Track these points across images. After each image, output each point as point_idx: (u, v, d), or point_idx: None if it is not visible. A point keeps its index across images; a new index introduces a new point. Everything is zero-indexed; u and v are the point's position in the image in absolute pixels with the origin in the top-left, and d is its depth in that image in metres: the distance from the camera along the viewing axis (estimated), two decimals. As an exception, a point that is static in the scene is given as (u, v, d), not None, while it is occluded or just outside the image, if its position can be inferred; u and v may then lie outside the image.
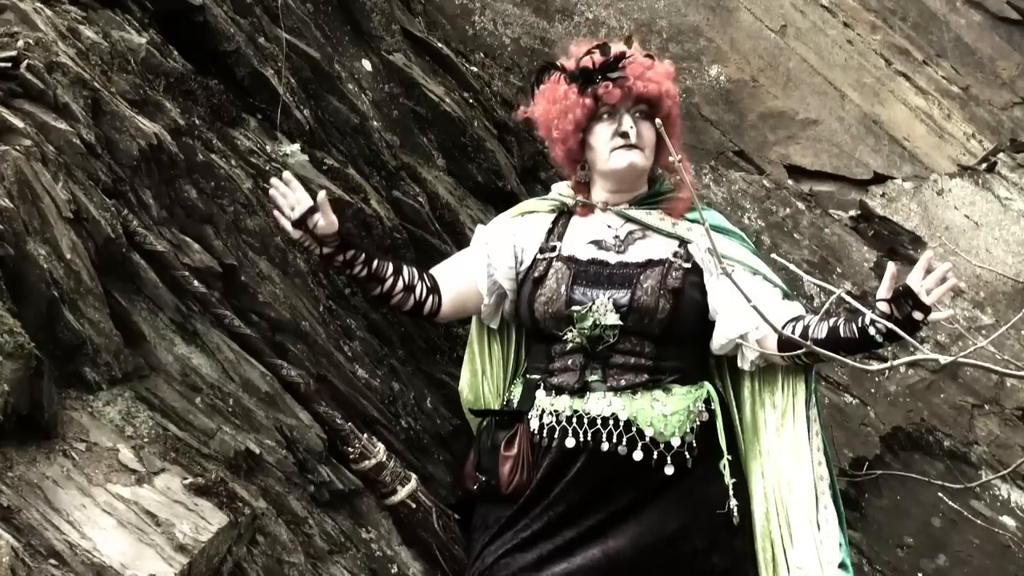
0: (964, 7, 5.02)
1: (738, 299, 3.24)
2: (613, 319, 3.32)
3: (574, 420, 3.34)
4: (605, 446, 3.30)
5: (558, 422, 3.36)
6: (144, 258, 3.21)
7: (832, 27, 5.01)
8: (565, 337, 3.37)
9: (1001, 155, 4.89)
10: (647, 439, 3.28)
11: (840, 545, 3.32)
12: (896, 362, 2.57)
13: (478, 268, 3.56)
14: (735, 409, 3.46)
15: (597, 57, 3.44)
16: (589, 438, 3.31)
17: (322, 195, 3.38)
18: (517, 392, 3.53)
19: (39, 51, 3.16)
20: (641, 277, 3.36)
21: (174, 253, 3.30)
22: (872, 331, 3.10)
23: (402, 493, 3.51)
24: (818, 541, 3.28)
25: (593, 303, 3.35)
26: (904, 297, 3.10)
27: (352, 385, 3.65)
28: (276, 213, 3.40)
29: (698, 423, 3.34)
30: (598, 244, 3.46)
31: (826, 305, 3.14)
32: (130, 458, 2.96)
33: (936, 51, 5.00)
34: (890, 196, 4.87)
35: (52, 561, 2.64)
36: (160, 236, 3.30)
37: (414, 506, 3.53)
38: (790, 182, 4.88)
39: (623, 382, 3.33)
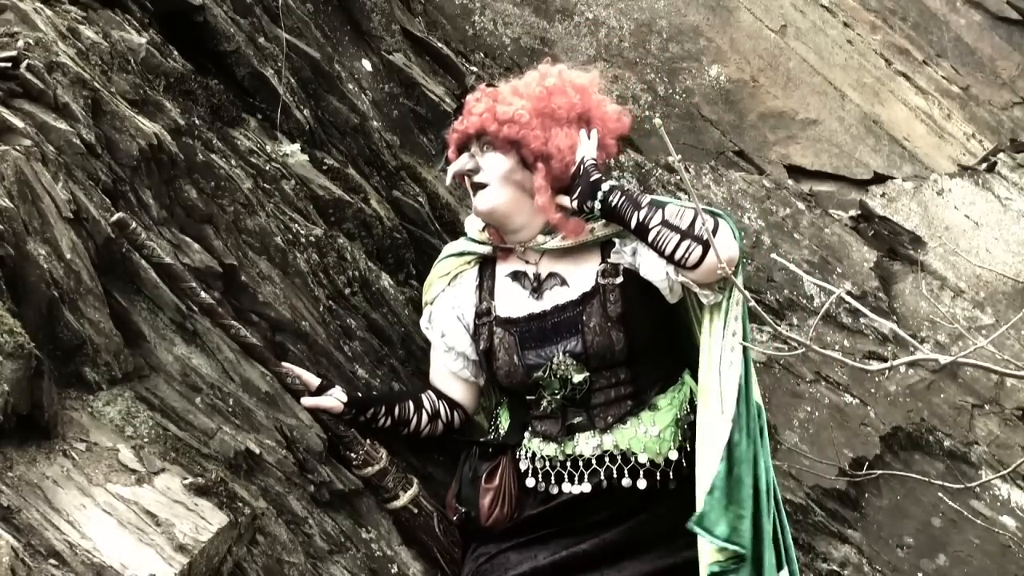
0: (964, 7, 5.02)
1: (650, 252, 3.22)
2: (580, 375, 3.25)
3: (568, 464, 3.30)
4: (604, 483, 3.26)
5: (552, 467, 3.32)
6: (145, 260, 3.21)
7: (832, 27, 5.01)
8: (541, 403, 3.32)
9: (1001, 155, 4.89)
10: (647, 465, 3.25)
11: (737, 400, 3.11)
12: (896, 362, 2.57)
13: (456, 364, 3.52)
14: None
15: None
16: (586, 480, 3.28)
17: (311, 401, 3.39)
18: (504, 420, 3.49)
19: (39, 51, 3.16)
20: (584, 318, 3.26)
21: (175, 253, 3.31)
22: (575, 204, 3.24)
23: (404, 498, 3.50)
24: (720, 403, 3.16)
25: (551, 362, 3.27)
26: (573, 185, 3.23)
27: (352, 385, 3.65)
28: (294, 381, 3.40)
29: (686, 425, 3.31)
30: (515, 277, 3.39)
31: (826, 305, 3.12)
32: (130, 458, 2.96)
33: (936, 51, 5.00)
34: (890, 196, 4.87)
35: (52, 561, 2.64)
36: (160, 236, 3.30)
37: (416, 511, 3.52)
38: (790, 182, 4.88)
39: (610, 418, 3.27)
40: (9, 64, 3.07)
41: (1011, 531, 4.58)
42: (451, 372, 3.53)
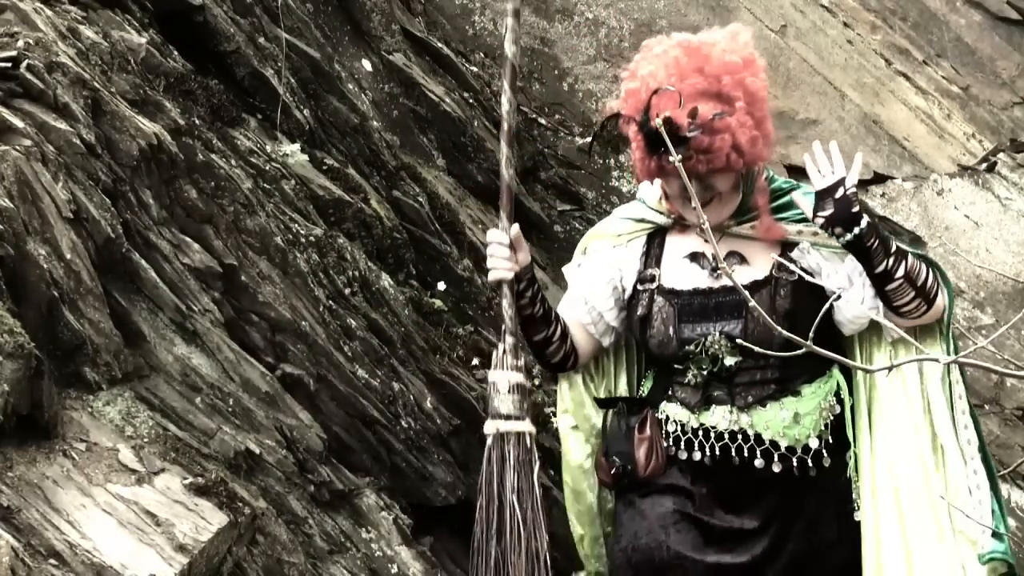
0: (964, 7, 5.02)
1: (853, 281, 3.17)
2: (732, 359, 3.21)
3: (700, 432, 3.26)
4: (736, 460, 3.23)
5: (683, 432, 3.29)
6: (144, 258, 3.22)
7: (832, 27, 5.01)
8: (687, 375, 3.28)
9: (1001, 155, 4.89)
10: (783, 449, 3.22)
11: (993, 512, 3.18)
12: (896, 362, 2.56)
13: (586, 318, 3.41)
14: (858, 383, 3.33)
15: (660, 119, 3.02)
16: (717, 452, 3.24)
17: (515, 230, 3.17)
18: (647, 386, 3.45)
19: (39, 51, 3.16)
20: (750, 305, 3.23)
21: (174, 253, 3.31)
22: (820, 221, 3.12)
23: (525, 425, 3.14)
24: (971, 507, 3.16)
25: (705, 339, 3.23)
26: (822, 200, 3.11)
27: (352, 385, 3.65)
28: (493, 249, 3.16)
29: (831, 417, 3.27)
30: (694, 258, 3.29)
31: (826, 305, 3.11)
32: (130, 458, 2.96)
33: (936, 51, 5.00)
34: (890, 196, 4.88)
35: (52, 561, 2.64)
36: (160, 236, 3.30)
37: (528, 444, 3.16)
38: (790, 182, 4.88)
39: (750, 398, 3.23)
40: (9, 64, 3.08)
41: (1011, 531, 4.58)
42: (579, 322, 3.47)
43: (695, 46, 3.14)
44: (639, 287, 3.33)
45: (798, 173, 4.93)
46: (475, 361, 4.19)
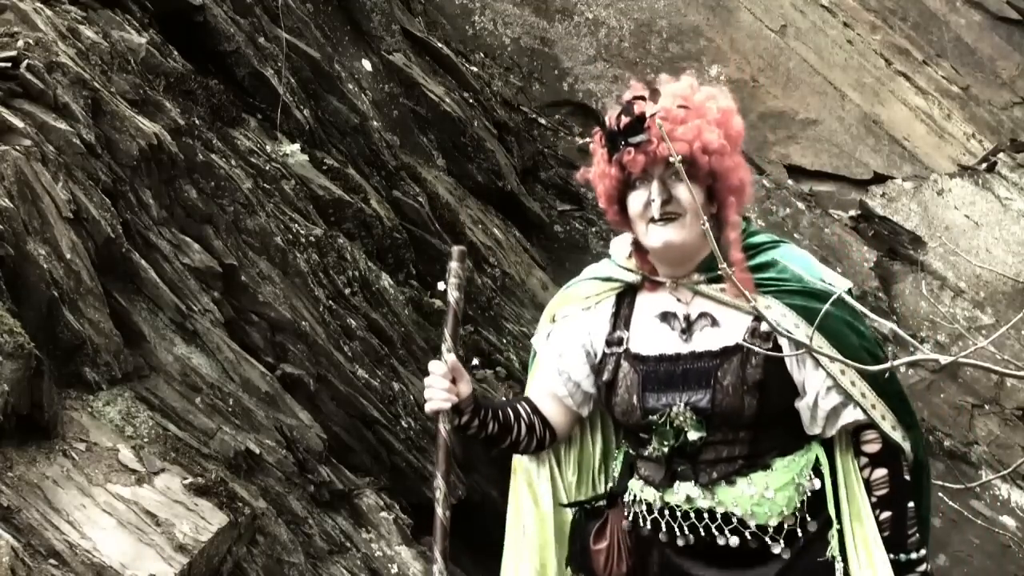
0: (964, 7, 5.02)
1: (807, 391, 3.02)
2: (696, 433, 3.05)
3: (666, 512, 3.13)
4: (707, 539, 3.11)
5: (648, 512, 3.16)
6: (144, 258, 3.22)
7: (832, 27, 5.01)
8: (648, 446, 3.15)
9: (1001, 155, 4.89)
10: (752, 527, 3.08)
11: None
12: (896, 362, 2.54)
13: (562, 390, 3.26)
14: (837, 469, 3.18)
15: (624, 118, 2.94)
16: (687, 531, 3.12)
17: (453, 359, 3.00)
18: (618, 464, 3.34)
19: (39, 51, 3.16)
20: (719, 373, 2.99)
21: (174, 253, 3.31)
22: None
23: None
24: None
25: (670, 410, 3.07)
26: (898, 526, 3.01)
27: (352, 385, 3.65)
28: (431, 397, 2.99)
29: (808, 493, 3.11)
30: (664, 318, 3.14)
31: (826, 306, 3.08)
32: (130, 458, 2.96)
33: (936, 51, 5.00)
34: (890, 196, 4.88)
35: (52, 561, 2.64)
36: (160, 236, 3.30)
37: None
38: (790, 182, 4.88)
39: (715, 474, 3.07)
40: (9, 64, 3.08)
41: (1011, 531, 4.58)
42: (554, 394, 3.33)
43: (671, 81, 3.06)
44: (607, 350, 3.17)
45: (798, 173, 4.94)
46: (475, 361, 4.19)
